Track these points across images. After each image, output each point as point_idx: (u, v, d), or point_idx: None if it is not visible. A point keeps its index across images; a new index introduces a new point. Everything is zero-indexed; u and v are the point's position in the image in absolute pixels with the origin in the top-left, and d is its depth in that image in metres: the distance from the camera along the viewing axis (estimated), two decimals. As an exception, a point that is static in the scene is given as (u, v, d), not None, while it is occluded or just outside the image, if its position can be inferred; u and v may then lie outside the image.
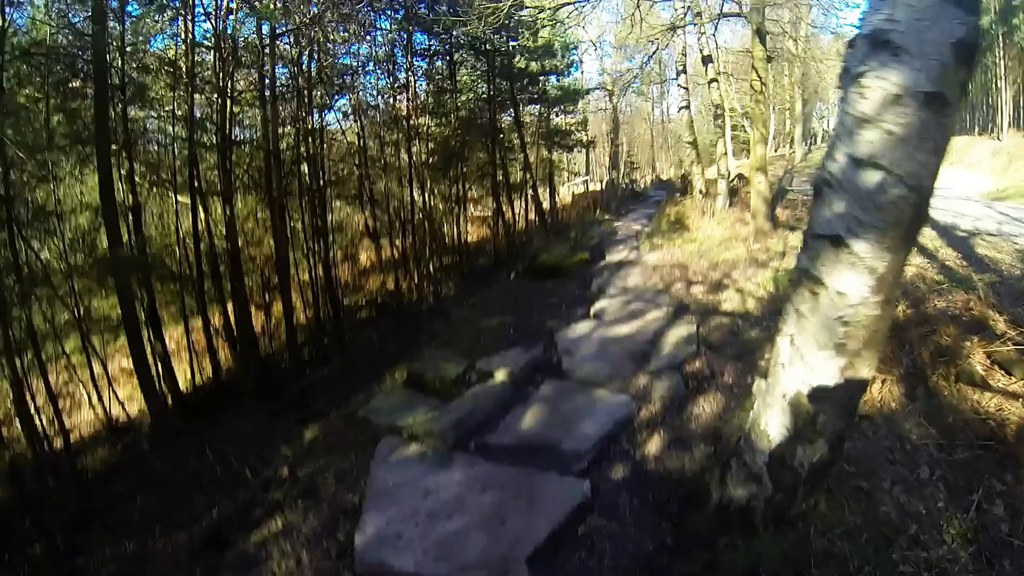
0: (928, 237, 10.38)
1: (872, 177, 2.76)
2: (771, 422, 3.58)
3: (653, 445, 5.65)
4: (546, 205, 22.87)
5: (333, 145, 16.40)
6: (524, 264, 15.32)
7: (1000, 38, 32.57)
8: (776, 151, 41.34)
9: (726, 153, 17.81)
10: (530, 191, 21.53)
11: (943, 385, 5.15)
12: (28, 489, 8.56)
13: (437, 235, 18.02)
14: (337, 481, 6.01)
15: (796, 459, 3.51)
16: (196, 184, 11.65)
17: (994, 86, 35.47)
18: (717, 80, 17.65)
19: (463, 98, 19.65)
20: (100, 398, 11.09)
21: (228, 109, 11.74)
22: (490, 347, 8.93)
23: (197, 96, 11.68)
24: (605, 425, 5.98)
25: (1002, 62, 33.25)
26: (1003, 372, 5.16)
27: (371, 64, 16.89)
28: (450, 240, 18.66)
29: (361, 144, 16.36)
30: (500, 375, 7.57)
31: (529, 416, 6.45)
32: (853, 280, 2.96)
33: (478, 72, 20.26)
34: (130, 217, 10.75)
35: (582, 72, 32.67)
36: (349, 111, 16.32)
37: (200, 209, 11.77)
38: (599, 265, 13.88)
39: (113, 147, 10.42)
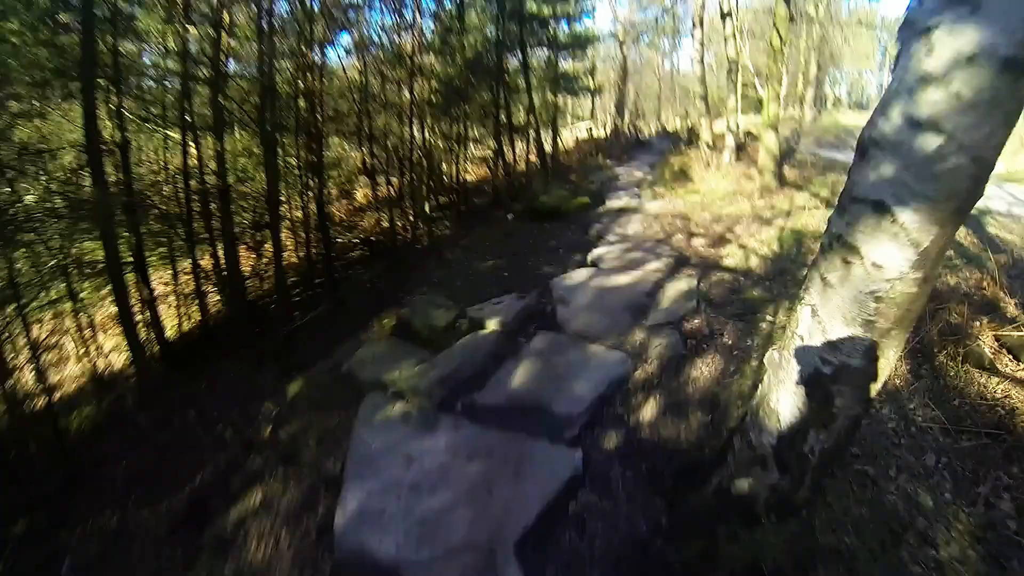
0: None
1: (931, 142, 2.38)
2: (783, 401, 3.23)
3: (648, 410, 5.35)
4: (548, 148, 22.32)
5: (333, 81, 15.92)
6: (523, 205, 14.99)
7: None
8: (785, 111, 40.64)
9: (736, 109, 17.28)
10: (533, 133, 20.97)
11: (950, 365, 4.85)
12: (10, 458, 8.15)
13: (435, 174, 17.59)
14: (319, 444, 5.73)
15: (807, 444, 3.18)
16: (187, 119, 11.18)
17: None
18: (735, 36, 17.04)
19: (470, 39, 19.04)
20: (87, 350, 10.77)
21: (223, 42, 11.24)
22: (483, 292, 8.63)
23: (192, 29, 11.14)
24: (599, 385, 5.65)
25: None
26: (1011, 357, 4.88)
27: (377, 1, 16.32)
28: (449, 179, 18.26)
29: (362, 81, 15.83)
30: (491, 324, 7.24)
31: (520, 372, 6.11)
32: (893, 252, 2.59)
33: (487, 13, 19.55)
34: (118, 154, 10.32)
35: (594, 20, 32.10)
36: (351, 48, 15.82)
37: (191, 145, 11.32)
38: (599, 210, 13.57)
39: (101, 82, 9.96)
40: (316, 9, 13.22)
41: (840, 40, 36.84)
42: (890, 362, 2.95)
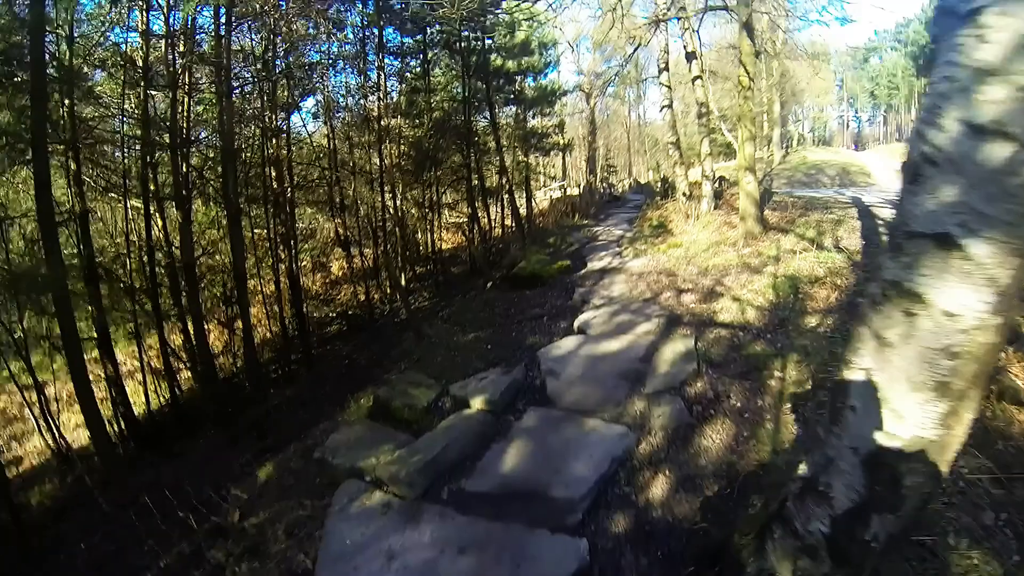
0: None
1: (998, 151, 1.89)
2: (836, 484, 2.69)
3: (658, 487, 4.77)
4: (523, 211, 22.02)
5: (302, 148, 15.61)
6: (501, 273, 14.48)
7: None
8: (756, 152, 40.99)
9: (711, 153, 17.04)
10: (506, 195, 20.68)
11: (985, 405, 4.35)
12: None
13: (410, 243, 17.24)
14: (288, 536, 5.09)
15: (871, 531, 2.61)
16: (151, 188, 10.68)
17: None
18: (701, 77, 16.88)
19: (437, 98, 18.85)
20: (48, 425, 10.12)
21: (185, 106, 10.85)
22: (465, 368, 8.07)
23: (152, 92, 10.72)
24: (600, 463, 5.07)
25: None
26: (1043, 390, 4.41)
27: (340, 62, 16.08)
28: (424, 248, 17.91)
29: (331, 146, 15.51)
30: (477, 402, 6.67)
31: (511, 454, 5.53)
32: (967, 295, 2.08)
33: (453, 72, 19.54)
34: (77, 224, 9.81)
35: (559, 73, 32.39)
36: (318, 112, 15.57)
37: (156, 215, 10.81)
38: (581, 273, 13.07)
39: (59, 147, 9.50)
40: (279, 70, 12.89)
41: (801, 76, 37.34)
42: (966, 428, 2.44)
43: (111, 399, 10.51)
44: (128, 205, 11.34)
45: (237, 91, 12.16)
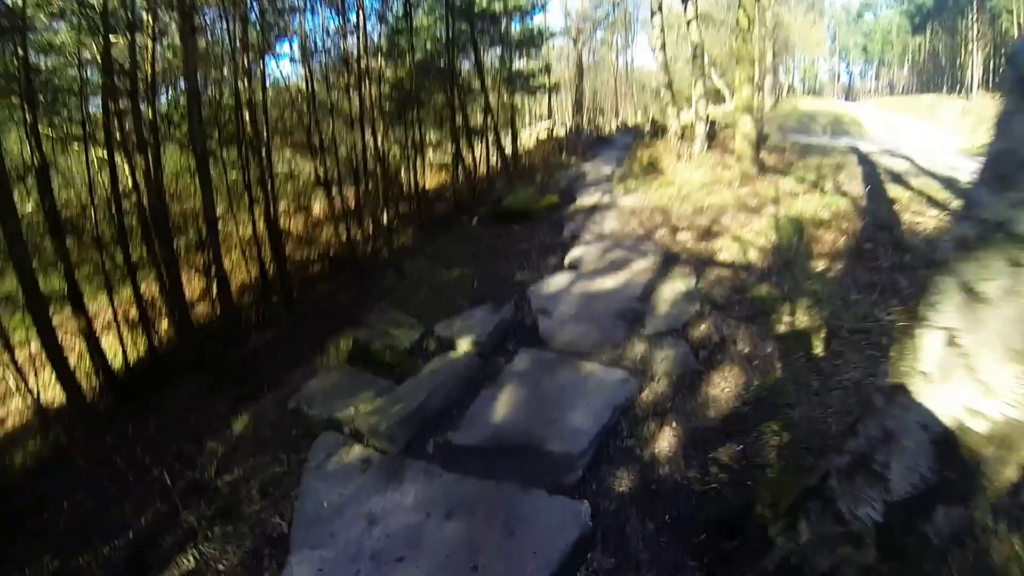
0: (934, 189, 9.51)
1: None
2: (895, 463, 2.22)
3: (664, 441, 4.35)
4: (508, 149, 21.33)
5: (279, 91, 14.92)
6: (487, 209, 13.92)
7: (973, 1, 36.57)
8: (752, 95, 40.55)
9: (704, 95, 16.40)
10: (491, 135, 19.96)
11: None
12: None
13: (393, 182, 16.60)
14: (263, 496, 4.65)
15: (934, 523, 2.16)
16: (116, 137, 10.01)
17: (963, 48, 39.53)
18: (696, 18, 16.21)
19: (420, 40, 18.05)
20: (25, 385, 9.67)
21: (151, 51, 10.15)
22: (450, 306, 7.51)
23: (113, 38, 9.98)
24: (601, 413, 4.61)
25: (975, 25, 36.97)
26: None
27: (318, 3, 15.21)
28: (408, 188, 17.28)
29: (309, 89, 14.78)
30: (463, 343, 6.16)
31: (502, 401, 5.05)
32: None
33: (436, 13, 18.67)
34: (37, 177, 9.20)
35: (546, 16, 31.74)
36: (295, 55, 14.88)
37: (125, 165, 10.17)
38: (570, 209, 12.51)
39: (14, 99, 8.87)
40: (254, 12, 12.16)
41: (794, 27, 36.82)
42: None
43: (90, 353, 10.02)
44: (93, 156, 10.70)
45: (205, 32, 11.45)
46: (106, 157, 10.02)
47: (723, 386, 4.85)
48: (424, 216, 16.06)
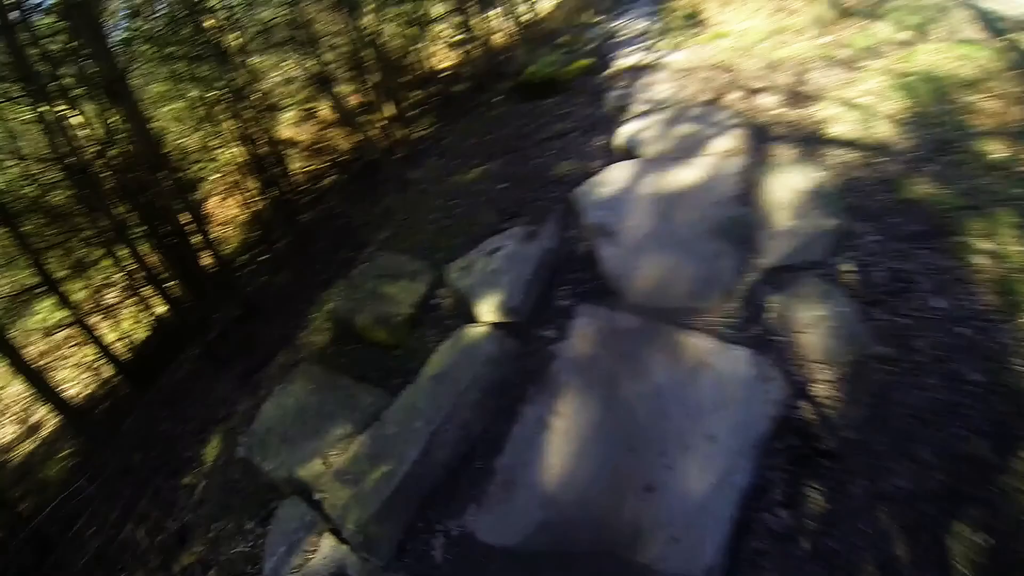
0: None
1: None
2: None
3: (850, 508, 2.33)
4: (526, 16, 18.64)
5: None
6: (510, 83, 11.49)
7: None
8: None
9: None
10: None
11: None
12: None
13: (400, 68, 14.36)
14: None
15: None
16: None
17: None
18: None
19: None
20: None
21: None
22: (469, 228, 5.39)
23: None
24: (733, 463, 2.55)
25: None
26: None
27: None
28: (419, 71, 15.07)
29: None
30: (487, 308, 4.03)
31: (558, 435, 2.96)
32: None
33: None
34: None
35: None
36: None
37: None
38: (607, 73, 9.90)
39: None
40: None
41: None
42: None
43: (93, 342, 9.01)
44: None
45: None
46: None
47: (932, 390, 2.72)
48: (440, 101, 13.80)
